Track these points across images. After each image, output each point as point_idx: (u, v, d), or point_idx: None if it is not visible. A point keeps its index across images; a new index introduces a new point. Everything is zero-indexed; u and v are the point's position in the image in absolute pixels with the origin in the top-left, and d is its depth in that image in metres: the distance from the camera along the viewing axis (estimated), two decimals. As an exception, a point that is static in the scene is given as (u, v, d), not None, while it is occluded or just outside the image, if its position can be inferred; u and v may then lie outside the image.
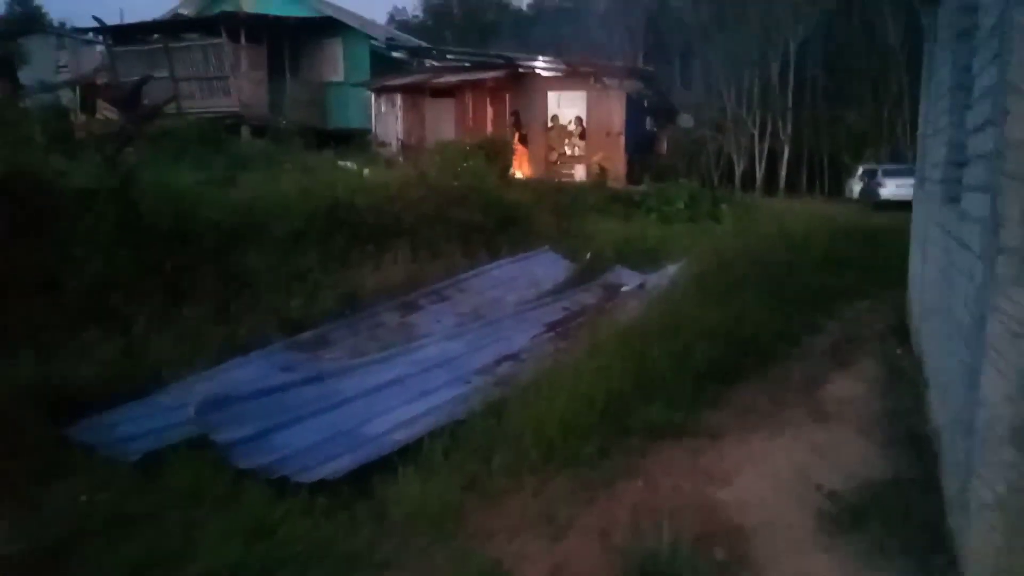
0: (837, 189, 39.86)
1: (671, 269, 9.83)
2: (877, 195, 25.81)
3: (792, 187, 41.40)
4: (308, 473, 4.26)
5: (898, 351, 6.60)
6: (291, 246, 7.30)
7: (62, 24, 33.19)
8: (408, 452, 4.35)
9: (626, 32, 44.14)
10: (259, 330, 6.06)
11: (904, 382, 5.77)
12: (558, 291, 8.86)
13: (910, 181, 26.89)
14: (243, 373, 5.44)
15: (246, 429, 4.43)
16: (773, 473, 4.16)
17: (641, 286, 9.46)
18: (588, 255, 10.32)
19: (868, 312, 8.59)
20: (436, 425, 4.58)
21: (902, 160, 34.70)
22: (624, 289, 9.38)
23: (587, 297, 8.82)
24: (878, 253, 11.65)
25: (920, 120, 8.68)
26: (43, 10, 45.12)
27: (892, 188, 25.80)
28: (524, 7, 55.81)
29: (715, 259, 8.81)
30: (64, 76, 24.96)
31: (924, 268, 6.77)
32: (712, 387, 5.34)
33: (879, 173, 27.56)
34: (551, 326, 7.44)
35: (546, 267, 9.90)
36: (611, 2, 51.02)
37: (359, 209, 8.38)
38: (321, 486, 4.06)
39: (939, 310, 4.47)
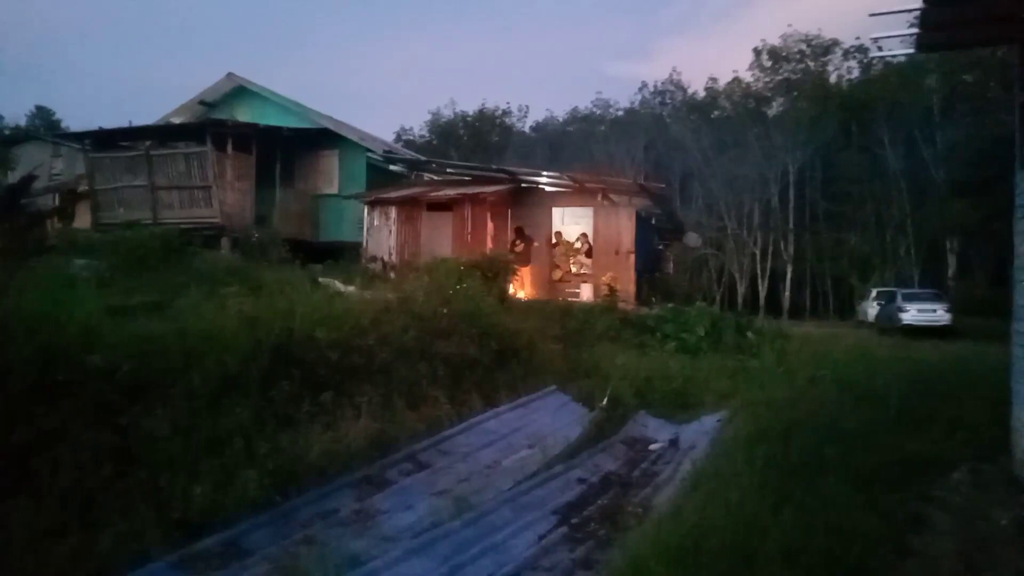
0: (842, 310, 38.93)
1: (708, 421, 7.96)
2: (899, 320, 24.59)
3: (796, 308, 40.37)
4: None
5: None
6: (215, 399, 5.43)
7: (52, 131, 32.85)
8: None
9: (627, 154, 44.47)
10: (136, 537, 4.10)
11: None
12: (571, 452, 6.91)
13: (932, 306, 25.99)
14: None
15: None
16: None
17: (674, 443, 7.56)
18: (605, 400, 8.44)
19: (974, 490, 6.67)
20: None
21: (908, 283, 33.99)
22: (653, 447, 7.47)
23: (608, 461, 6.87)
24: (947, 397, 9.83)
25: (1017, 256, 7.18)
26: (62, 121, 45.62)
27: (914, 313, 24.63)
28: (527, 129, 56.73)
29: (768, 416, 6.94)
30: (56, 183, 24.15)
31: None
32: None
33: (898, 297, 26.41)
34: (564, 515, 5.46)
35: (554, 415, 7.99)
36: (612, 126, 51.90)
37: (319, 344, 6.58)
38: None
39: None
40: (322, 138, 20.58)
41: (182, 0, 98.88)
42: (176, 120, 21.37)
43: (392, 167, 21.87)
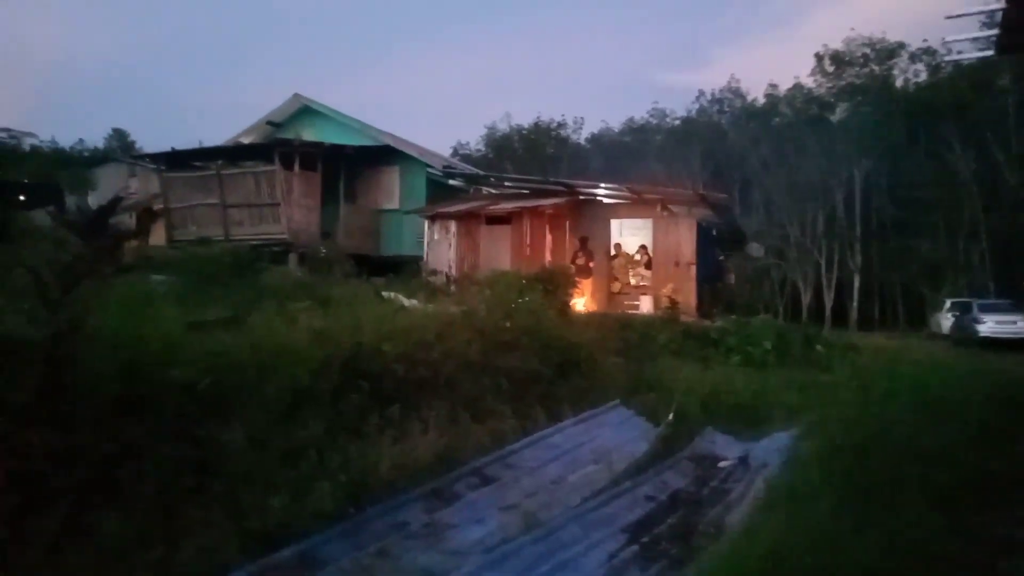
0: (912, 321, 37.34)
1: (780, 438, 7.75)
2: (975, 332, 23.47)
3: (865, 319, 38.98)
4: None
5: None
6: (289, 412, 5.59)
7: (128, 152, 34.50)
8: None
9: (685, 164, 43.91)
10: (216, 548, 4.23)
11: None
12: (637, 468, 6.83)
13: (1011, 318, 24.59)
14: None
15: None
16: None
17: (744, 460, 7.39)
18: (671, 415, 8.32)
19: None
20: None
21: (982, 292, 32.38)
22: (722, 464, 7.32)
23: (676, 478, 6.76)
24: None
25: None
26: (136, 143, 47.94)
27: (992, 325, 23.51)
28: (583, 140, 56.65)
29: (843, 434, 6.71)
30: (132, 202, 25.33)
31: None
32: None
33: (975, 308, 25.22)
34: (633, 533, 5.39)
35: (618, 430, 7.91)
36: (669, 136, 51.39)
37: (386, 358, 6.69)
38: None
39: None
40: (383, 155, 21.03)
41: (247, 24, 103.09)
42: (245, 140, 22.18)
43: (451, 182, 22.17)
